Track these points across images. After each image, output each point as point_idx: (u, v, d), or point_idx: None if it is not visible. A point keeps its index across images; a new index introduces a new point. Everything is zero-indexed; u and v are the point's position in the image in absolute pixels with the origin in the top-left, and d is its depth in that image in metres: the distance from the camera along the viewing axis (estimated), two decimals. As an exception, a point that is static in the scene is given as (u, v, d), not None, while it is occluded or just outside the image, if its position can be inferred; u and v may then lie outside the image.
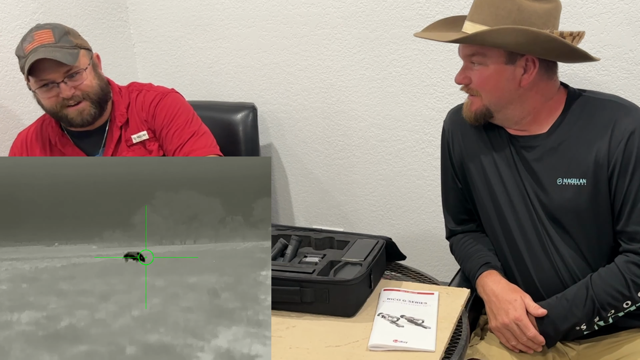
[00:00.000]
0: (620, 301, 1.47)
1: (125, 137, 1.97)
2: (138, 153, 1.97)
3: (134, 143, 1.96)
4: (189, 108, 2.03)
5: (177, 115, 1.99)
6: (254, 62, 2.54)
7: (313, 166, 2.56)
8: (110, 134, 1.97)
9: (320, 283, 1.44)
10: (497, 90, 1.54)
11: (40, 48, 1.79)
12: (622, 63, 2.03)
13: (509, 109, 1.57)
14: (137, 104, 2.01)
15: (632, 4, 1.97)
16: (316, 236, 1.67)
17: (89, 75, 1.87)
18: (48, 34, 1.83)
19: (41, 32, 1.84)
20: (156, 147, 1.99)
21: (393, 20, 2.28)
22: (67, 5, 2.40)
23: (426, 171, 2.38)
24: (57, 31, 1.85)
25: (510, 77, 1.53)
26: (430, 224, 2.42)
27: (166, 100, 2.01)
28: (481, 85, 1.54)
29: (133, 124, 1.98)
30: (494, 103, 1.56)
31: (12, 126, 2.24)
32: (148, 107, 1.99)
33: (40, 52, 1.78)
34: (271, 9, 2.45)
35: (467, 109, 1.61)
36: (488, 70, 1.52)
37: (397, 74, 2.33)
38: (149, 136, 1.98)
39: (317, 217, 2.62)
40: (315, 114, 2.50)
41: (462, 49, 1.57)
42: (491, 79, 1.53)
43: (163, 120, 1.97)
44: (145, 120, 1.99)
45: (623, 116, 1.53)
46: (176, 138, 1.96)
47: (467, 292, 1.56)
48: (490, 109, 1.57)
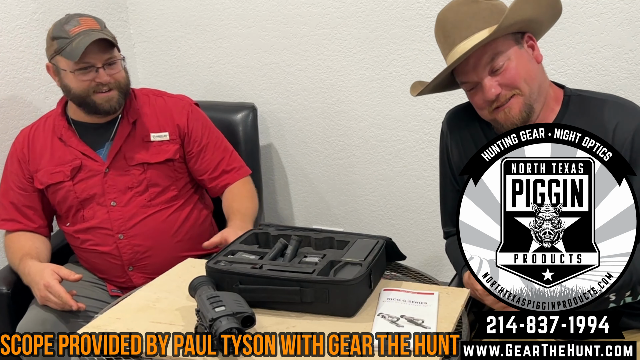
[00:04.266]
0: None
1: (140, 132, 2.00)
2: (152, 151, 2.00)
3: (151, 140, 2.00)
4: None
5: (211, 128, 2.12)
6: (254, 62, 2.54)
7: (313, 166, 2.56)
8: (120, 127, 1.99)
9: (320, 283, 1.44)
10: (530, 73, 1.53)
11: (90, 31, 1.85)
12: (622, 63, 2.03)
13: (541, 94, 1.56)
14: (157, 105, 2.06)
15: (632, 4, 1.98)
16: (316, 236, 1.67)
17: (121, 67, 1.94)
18: (93, 21, 1.91)
19: (86, 18, 1.91)
20: (174, 148, 2.02)
21: (393, 20, 2.28)
22: (67, 5, 2.40)
23: (426, 171, 2.38)
24: (99, 21, 1.93)
25: (529, 58, 1.55)
26: (430, 224, 2.42)
27: (198, 110, 2.13)
28: (518, 77, 1.52)
29: (152, 122, 2.02)
30: (533, 91, 1.54)
31: (12, 126, 2.24)
32: (180, 111, 2.06)
33: (94, 35, 1.84)
34: (271, 9, 2.45)
35: (510, 115, 1.55)
36: (513, 62, 1.52)
37: (397, 74, 2.33)
38: (170, 138, 2.02)
39: (317, 217, 2.62)
40: (315, 114, 2.50)
41: (476, 64, 1.54)
42: (520, 67, 1.52)
43: (201, 130, 2.08)
44: (174, 124, 2.04)
45: (624, 115, 1.53)
46: (216, 152, 2.09)
47: (467, 292, 1.56)
48: (531, 102, 1.54)
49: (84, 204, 1.97)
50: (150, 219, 1.97)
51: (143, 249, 1.96)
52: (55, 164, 1.97)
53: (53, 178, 1.96)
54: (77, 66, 1.86)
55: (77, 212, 1.98)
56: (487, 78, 1.54)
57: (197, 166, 2.07)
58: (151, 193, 1.98)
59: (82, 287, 1.95)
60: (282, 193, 2.64)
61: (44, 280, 1.77)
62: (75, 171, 1.95)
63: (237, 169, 2.12)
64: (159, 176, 1.99)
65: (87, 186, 1.96)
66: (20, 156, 2.01)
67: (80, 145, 1.98)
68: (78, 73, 1.88)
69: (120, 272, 1.98)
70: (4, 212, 2.01)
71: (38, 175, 1.98)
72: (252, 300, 1.41)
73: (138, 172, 1.97)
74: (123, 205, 1.96)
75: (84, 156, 1.96)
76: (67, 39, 1.86)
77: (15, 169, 2.01)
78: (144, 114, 2.02)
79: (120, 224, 1.95)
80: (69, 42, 1.85)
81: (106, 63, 1.89)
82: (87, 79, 1.88)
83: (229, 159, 2.11)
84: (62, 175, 1.96)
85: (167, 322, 1.42)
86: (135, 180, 1.97)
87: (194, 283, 1.46)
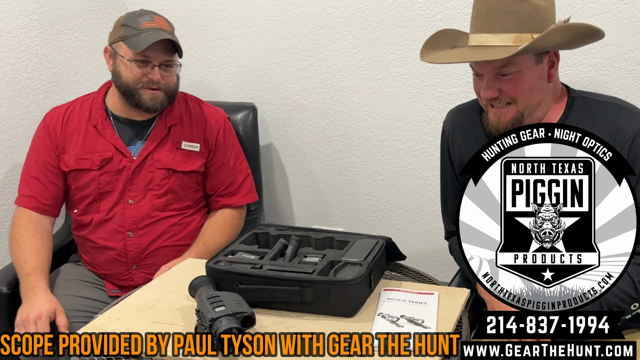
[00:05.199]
0: (628, 303, 1.46)
1: (173, 137, 2.02)
2: (180, 158, 2.01)
3: (181, 148, 2.02)
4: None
5: (236, 149, 2.14)
6: (254, 62, 2.54)
7: (313, 166, 2.56)
8: (156, 129, 2.01)
9: (320, 283, 1.44)
10: (532, 92, 1.52)
11: (160, 30, 1.91)
12: (622, 63, 2.03)
13: (538, 110, 1.55)
14: (194, 113, 2.08)
15: (632, 4, 1.98)
16: (316, 236, 1.67)
17: (175, 74, 1.99)
18: (165, 22, 1.97)
19: (160, 18, 1.98)
20: (200, 163, 2.04)
21: (393, 20, 2.28)
22: (67, 5, 2.40)
23: (426, 171, 2.38)
24: (170, 24, 1.99)
25: (541, 76, 1.53)
26: (430, 224, 2.42)
27: (230, 128, 2.14)
28: (518, 92, 1.52)
29: (187, 131, 2.04)
30: (529, 106, 1.53)
31: (12, 126, 2.24)
32: (213, 125, 2.09)
33: (163, 34, 1.90)
34: (271, 9, 2.45)
35: (498, 120, 1.56)
36: (522, 76, 1.50)
37: (397, 74, 2.33)
38: (200, 150, 2.04)
39: (317, 217, 2.62)
40: (315, 114, 2.50)
41: (487, 64, 1.53)
42: (526, 84, 1.51)
43: (227, 150, 2.10)
44: (205, 138, 2.06)
45: (626, 119, 1.53)
46: (232, 173, 2.10)
47: (467, 292, 1.56)
48: (523, 114, 1.54)
49: (103, 195, 1.98)
50: (162, 222, 1.99)
51: (150, 249, 1.96)
52: (86, 151, 1.98)
53: (80, 164, 1.97)
54: (136, 57, 1.90)
55: (93, 202, 1.99)
56: (492, 78, 1.53)
57: (210, 183, 2.08)
58: (169, 198, 2.00)
59: (80, 287, 1.96)
60: (282, 193, 2.64)
61: (39, 312, 1.75)
62: (104, 162, 1.97)
63: (243, 194, 2.12)
64: (180, 185, 2.01)
65: (112, 179, 1.97)
66: (52, 132, 2.01)
67: (114, 138, 1.99)
68: (135, 64, 1.91)
69: (123, 270, 1.98)
70: (25, 188, 2.01)
71: (65, 157, 1.99)
72: (252, 300, 1.41)
73: (162, 175, 1.99)
74: (139, 204, 1.97)
75: (116, 150, 1.98)
76: (136, 29, 1.91)
77: (45, 143, 2.01)
78: (181, 121, 2.04)
79: (132, 222, 1.96)
80: (137, 33, 1.90)
81: (163, 64, 1.93)
82: (141, 72, 1.92)
83: (241, 182, 2.12)
84: (90, 163, 1.97)
85: (167, 322, 1.42)
86: (157, 183, 1.98)
87: (194, 283, 1.47)
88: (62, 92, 2.40)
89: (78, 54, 2.45)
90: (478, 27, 1.51)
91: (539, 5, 1.48)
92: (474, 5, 1.53)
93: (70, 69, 2.43)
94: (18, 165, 2.24)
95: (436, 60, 1.60)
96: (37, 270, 1.86)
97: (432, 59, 1.60)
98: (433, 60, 1.60)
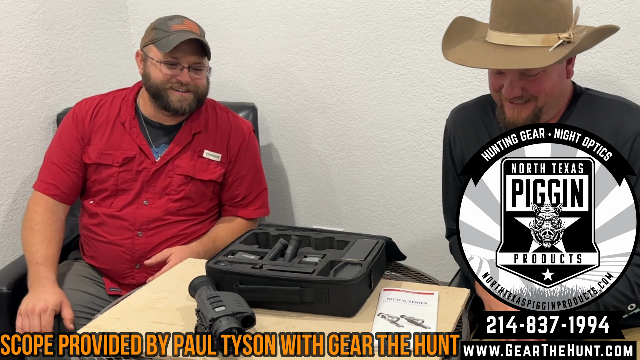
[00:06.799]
0: (625, 303, 1.46)
1: (196, 145, 2.02)
2: (200, 167, 2.01)
3: (203, 156, 2.02)
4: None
5: (256, 162, 2.13)
6: (254, 62, 2.54)
7: (313, 166, 2.56)
8: (180, 135, 2.02)
9: (320, 283, 1.44)
10: (554, 89, 1.53)
11: (190, 32, 1.92)
12: (622, 63, 2.03)
13: (554, 107, 1.56)
14: (221, 121, 2.08)
15: (632, 4, 1.98)
16: (316, 236, 1.67)
17: (205, 76, 1.99)
18: (195, 26, 1.99)
19: (190, 22, 1.99)
20: (220, 173, 2.04)
21: (393, 20, 2.28)
22: (67, 5, 2.40)
23: (426, 171, 2.38)
24: (201, 29, 2.00)
25: (562, 73, 1.54)
26: (430, 224, 2.42)
27: (253, 141, 2.14)
28: (541, 91, 1.52)
29: (211, 139, 2.04)
30: (548, 103, 1.54)
31: (12, 126, 2.24)
32: (237, 136, 2.07)
33: (193, 35, 1.92)
34: (271, 9, 2.45)
35: (517, 116, 1.55)
36: (547, 75, 1.50)
37: (397, 74, 2.33)
38: (221, 160, 2.04)
39: (317, 217, 2.62)
40: (315, 114, 2.50)
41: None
42: (550, 82, 1.51)
43: (247, 164, 2.09)
44: (228, 147, 2.05)
45: (629, 117, 1.53)
46: (249, 187, 2.09)
47: (467, 292, 1.56)
48: (541, 110, 1.54)
49: (119, 192, 1.98)
50: (173, 225, 1.99)
51: (157, 250, 1.95)
52: (110, 147, 1.99)
53: (102, 158, 1.98)
54: (165, 58, 1.91)
55: (108, 197, 1.99)
56: (516, 78, 1.52)
57: (227, 193, 2.08)
58: (183, 204, 2.00)
59: (79, 282, 1.96)
60: (282, 193, 2.64)
61: (45, 305, 1.77)
62: (126, 160, 1.98)
63: (256, 207, 2.12)
64: (197, 192, 2.01)
65: (131, 178, 1.98)
66: (79, 122, 2.02)
67: (140, 138, 2.00)
68: (164, 65, 1.92)
69: (126, 267, 1.98)
70: (46, 174, 2.01)
71: (89, 149, 2.00)
72: (252, 300, 1.41)
73: (180, 181, 1.99)
74: (153, 206, 1.97)
75: (140, 150, 1.98)
76: (166, 32, 1.93)
77: (71, 132, 2.02)
78: (206, 129, 2.04)
79: (143, 222, 1.97)
80: (166, 35, 1.92)
81: (192, 66, 1.93)
82: (170, 73, 1.92)
83: (255, 195, 2.11)
84: (112, 159, 1.98)
85: (167, 322, 1.42)
86: (175, 188, 1.99)
87: (194, 283, 1.46)
88: (62, 92, 2.40)
89: (78, 54, 2.45)
90: (505, 26, 1.49)
91: (564, 3, 1.48)
92: (498, 1, 1.50)
93: (70, 69, 2.43)
94: (18, 165, 2.25)
95: (466, 61, 1.53)
96: (48, 262, 1.87)
97: (460, 59, 1.54)
98: (462, 61, 1.53)
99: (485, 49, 1.54)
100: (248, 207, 2.10)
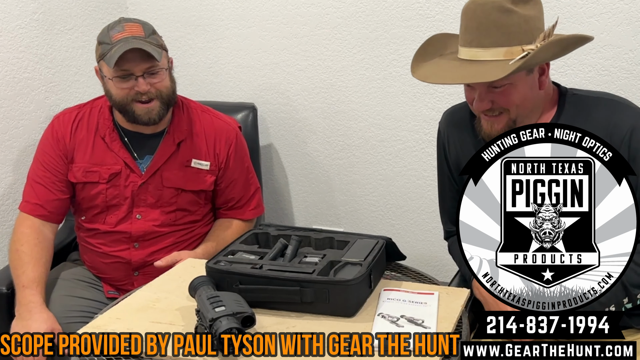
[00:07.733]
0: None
1: (183, 155, 1.97)
2: (189, 177, 1.97)
3: (191, 166, 1.97)
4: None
5: (246, 163, 2.09)
6: (254, 62, 2.54)
7: (313, 166, 2.56)
8: (164, 145, 1.96)
9: (320, 283, 1.44)
10: (525, 101, 1.53)
11: (131, 39, 1.82)
12: (622, 63, 2.03)
13: (530, 117, 1.56)
14: (205, 126, 2.01)
15: (632, 4, 1.98)
16: (316, 236, 1.67)
17: (166, 76, 1.89)
18: (138, 27, 1.86)
19: (132, 25, 1.87)
20: (210, 181, 2.00)
21: (393, 20, 2.28)
22: (67, 5, 2.40)
23: (426, 171, 2.38)
24: (146, 27, 1.88)
25: (533, 85, 1.53)
26: (430, 224, 2.42)
27: (241, 142, 2.08)
28: (511, 103, 1.52)
29: (197, 147, 1.98)
30: (521, 115, 1.54)
31: (12, 126, 2.24)
32: (224, 139, 2.02)
33: (132, 43, 1.80)
34: (271, 9, 2.45)
35: (491, 128, 1.56)
36: (514, 88, 1.50)
37: (397, 74, 2.33)
38: (210, 168, 1.99)
39: (317, 217, 2.62)
40: (315, 114, 2.50)
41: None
42: (518, 94, 1.51)
43: (238, 167, 2.05)
44: (216, 154, 2.00)
45: (620, 114, 1.53)
46: (242, 189, 2.06)
47: (467, 292, 1.56)
48: (515, 122, 1.54)
49: (109, 209, 1.95)
50: (169, 235, 1.97)
51: (155, 257, 1.92)
52: (94, 163, 1.94)
53: (88, 177, 1.94)
54: (115, 73, 1.82)
55: (99, 214, 1.96)
56: (484, 91, 1.53)
57: (220, 198, 2.06)
58: (177, 215, 1.98)
59: (77, 287, 1.95)
60: (282, 193, 2.64)
61: (31, 329, 1.72)
62: (112, 176, 1.93)
63: (252, 207, 2.10)
64: (189, 202, 1.99)
65: (120, 193, 1.93)
66: (60, 139, 1.95)
67: (122, 151, 1.94)
68: (117, 80, 1.83)
69: (124, 275, 1.97)
70: (30, 194, 1.95)
71: (73, 168, 1.95)
72: (252, 300, 1.41)
73: (171, 194, 1.96)
74: (147, 219, 1.95)
75: (125, 164, 1.93)
76: (108, 44, 1.83)
77: (53, 150, 1.95)
78: (190, 136, 1.98)
79: (139, 235, 1.95)
80: (110, 48, 1.82)
81: (147, 72, 1.84)
82: (126, 87, 1.84)
83: (249, 197, 2.09)
84: (98, 176, 1.93)
85: (167, 322, 1.42)
86: (166, 201, 1.96)
87: (194, 283, 1.46)
88: (62, 92, 2.40)
89: (78, 54, 2.45)
90: (469, 41, 1.51)
91: (527, 16, 1.47)
92: (463, 18, 1.52)
93: (70, 69, 2.43)
94: (18, 166, 2.25)
95: (428, 78, 1.57)
96: (34, 284, 1.81)
97: (424, 76, 1.58)
98: (425, 78, 1.57)
99: (452, 65, 1.56)
100: (244, 209, 2.08)
